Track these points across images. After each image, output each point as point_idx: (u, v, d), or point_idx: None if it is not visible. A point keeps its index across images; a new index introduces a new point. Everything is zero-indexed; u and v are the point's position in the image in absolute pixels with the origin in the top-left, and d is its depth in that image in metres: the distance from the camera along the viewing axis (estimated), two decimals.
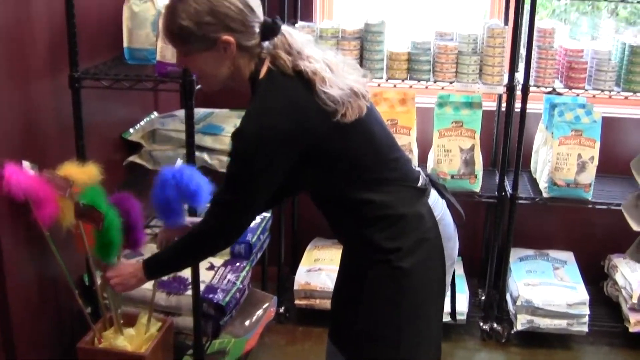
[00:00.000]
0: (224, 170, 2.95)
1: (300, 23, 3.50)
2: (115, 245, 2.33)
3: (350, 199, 2.00)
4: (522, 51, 3.36)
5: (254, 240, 3.23)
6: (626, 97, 3.39)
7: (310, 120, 1.90)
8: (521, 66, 3.40)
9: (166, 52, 2.54)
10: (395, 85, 3.41)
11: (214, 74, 2.00)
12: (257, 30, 1.95)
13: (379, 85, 3.42)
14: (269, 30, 1.97)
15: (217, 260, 3.18)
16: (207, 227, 2.04)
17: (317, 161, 1.95)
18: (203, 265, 3.04)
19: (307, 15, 3.76)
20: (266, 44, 1.97)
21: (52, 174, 2.25)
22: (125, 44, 2.75)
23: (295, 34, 2.01)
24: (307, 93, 1.90)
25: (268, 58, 1.97)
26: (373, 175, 2.01)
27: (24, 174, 2.21)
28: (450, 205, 2.19)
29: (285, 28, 2.01)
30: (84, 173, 2.27)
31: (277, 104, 1.89)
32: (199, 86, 2.55)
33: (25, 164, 2.27)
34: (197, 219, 2.30)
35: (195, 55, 1.95)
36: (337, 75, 1.97)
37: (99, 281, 2.48)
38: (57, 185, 2.21)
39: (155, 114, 3.31)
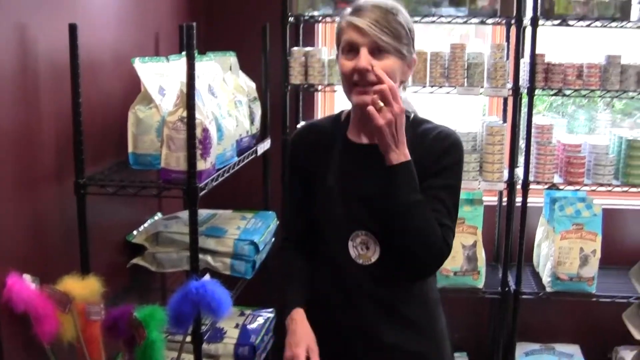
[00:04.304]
0: (227, 273, 2.96)
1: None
2: None
3: None
4: (522, 144, 3.41)
5: (257, 342, 3.20)
6: (625, 191, 3.42)
7: None
8: (521, 160, 3.44)
9: (170, 159, 2.56)
10: None
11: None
12: None
13: None
14: None
15: None
16: None
17: None
18: None
19: (309, 112, 3.84)
20: None
21: (53, 289, 2.23)
22: (130, 149, 2.76)
23: None
24: None
25: None
26: None
27: (25, 287, 2.20)
28: None
29: None
30: (85, 288, 2.24)
31: None
32: (204, 192, 2.57)
33: (27, 277, 2.26)
34: None
35: (392, 58, 1.99)
36: None
37: None
38: (58, 301, 2.20)
39: (160, 215, 3.32)
